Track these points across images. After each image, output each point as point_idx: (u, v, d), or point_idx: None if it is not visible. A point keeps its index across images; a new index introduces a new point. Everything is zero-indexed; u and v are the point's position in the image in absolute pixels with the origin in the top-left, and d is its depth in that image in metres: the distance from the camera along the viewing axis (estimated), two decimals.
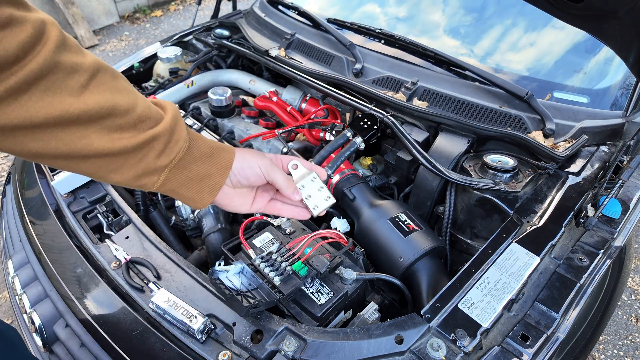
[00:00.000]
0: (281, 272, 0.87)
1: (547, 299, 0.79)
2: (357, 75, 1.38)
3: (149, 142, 0.54)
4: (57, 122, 0.47)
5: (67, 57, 0.47)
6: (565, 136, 1.09)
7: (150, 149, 0.54)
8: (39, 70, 0.44)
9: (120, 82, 0.54)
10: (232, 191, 0.67)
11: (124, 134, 0.52)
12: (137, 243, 1.01)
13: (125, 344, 0.85)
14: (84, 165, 0.52)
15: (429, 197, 1.16)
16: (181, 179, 0.59)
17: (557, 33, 1.31)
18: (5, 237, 1.26)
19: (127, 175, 0.55)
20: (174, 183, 0.59)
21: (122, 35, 4.89)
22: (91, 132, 0.50)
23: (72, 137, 0.48)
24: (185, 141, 0.58)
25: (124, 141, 0.52)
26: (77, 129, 0.49)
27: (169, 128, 0.56)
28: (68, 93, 0.47)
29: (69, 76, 0.47)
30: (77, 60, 0.48)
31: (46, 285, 1.02)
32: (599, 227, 0.93)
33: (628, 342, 1.91)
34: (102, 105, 0.49)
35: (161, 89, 1.65)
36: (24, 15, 0.44)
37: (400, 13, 1.60)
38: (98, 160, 0.52)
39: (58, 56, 0.46)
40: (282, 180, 0.68)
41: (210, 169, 0.61)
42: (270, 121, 1.51)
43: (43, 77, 0.45)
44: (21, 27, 0.43)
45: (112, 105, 0.50)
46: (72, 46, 0.49)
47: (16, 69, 0.43)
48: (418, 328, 0.74)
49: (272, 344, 0.75)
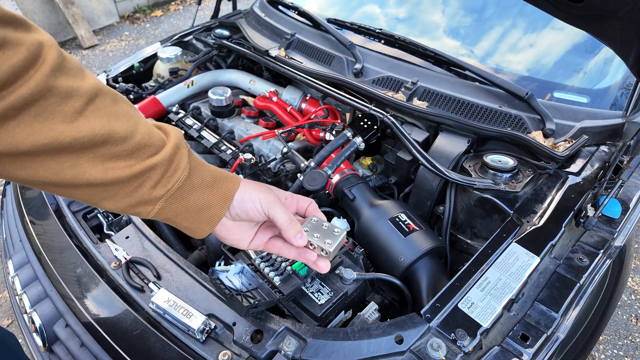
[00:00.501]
0: (281, 272, 0.87)
1: (547, 299, 0.79)
2: (357, 75, 1.38)
3: (145, 172, 0.51)
4: (45, 150, 0.44)
5: (62, 81, 0.44)
6: (565, 136, 1.09)
7: (146, 179, 0.52)
8: (30, 96, 0.41)
9: (121, 106, 0.51)
10: (230, 224, 0.63)
11: (119, 163, 0.49)
12: (137, 243, 1.01)
13: (125, 343, 0.85)
14: (76, 192, 0.50)
15: (429, 197, 1.16)
16: (178, 209, 0.56)
17: (557, 33, 1.31)
18: (5, 237, 1.26)
19: (120, 204, 0.53)
20: (170, 212, 0.56)
21: (122, 35, 4.89)
22: (84, 161, 0.47)
23: (62, 166, 0.46)
24: (185, 170, 0.55)
25: (119, 171, 0.49)
26: (67, 157, 0.46)
27: (168, 157, 0.53)
28: (60, 119, 0.44)
29: (63, 101, 0.44)
30: (73, 84, 0.45)
31: (46, 285, 1.02)
32: (599, 227, 0.93)
33: (628, 342, 1.91)
34: (96, 132, 0.46)
35: (161, 89, 1.65)
36: (20, 37, 0.41)
37: (400, 14, 1.60)
38: (90, 189, 0.50)
39: (52, 80, 0.43)
40: (284, 219, 0.62)
41: (210, 199, 0.58)
42: (270, 121, 1.51)
43: (34, 103, 0.42)
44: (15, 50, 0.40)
45: (108, 132, 0.47)
46: (71, 69, 0.47)
47: (4, 94, 0.40)
48: (418, 328, 0.74)
49: (272, 344, 0.75)
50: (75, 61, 0.49)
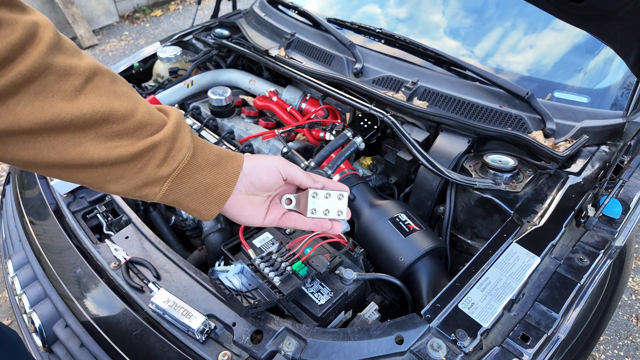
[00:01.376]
0: (281, 272, 0.87)
1: (547, 299, 0.79)
2: (357, 75, 1.38)
3: (149, 151, 0.51)
4: (48, 128, 0.44)
5: (60, 60, 0.45)
6: (566, 136, 1.09)
7: (150, 157, 0.51)
8: (29, 73, 0.42)
9: (120, 86, 0.51)
10: (243, 198, 0.62)
11: (122, 142, 0.49)
12: (137, 243, 1.01)
13: (125, 344, 0.85)
14: (81, 175, 0.50)
15: (429, 197, 1.16)
16: (185, 190, 0.56)
17: (558, 34, 1.31)
18: (5, 237, 1.26)
19: (127, 186, 0.52)
20: (178, 194, 0.56)
21: (122, 35, 4.89)
22: (86, 140, 0.47)
23: (65, 145, 0.46)
24: (189, 149, 0.55)
25: (122, 149, 0.49)
26: (70, 136, 0.46)
27: (171, 135, 0.53)
28: (60, 97, 0.44)
29: (62, 79, 0.45)
30: (71, 62, 0.46)
31: (46, 286, 1.02)
32: (600, 227, 0.93)
33: (628, 342, 1.91)
34: (97, 110, 0.46)
35: (161, 89, 1.64)
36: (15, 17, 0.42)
37: (400, 14, 1.60)
38: (95, 170, 0.49)
39: (50, 58, 0.44)
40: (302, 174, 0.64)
41: (216, 178, 0.57)
42: (270, 121, 1.51)
43: (33, 80, 0.43)
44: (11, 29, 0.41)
45: (109, 110, 0.47)
46: (68, 48, 0.47)
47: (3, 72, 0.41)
48: (418, 328, 0.74)
49: (272, 344, 0.75)
50: (72, 42, 0.49)
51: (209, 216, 0.59)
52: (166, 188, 0.54)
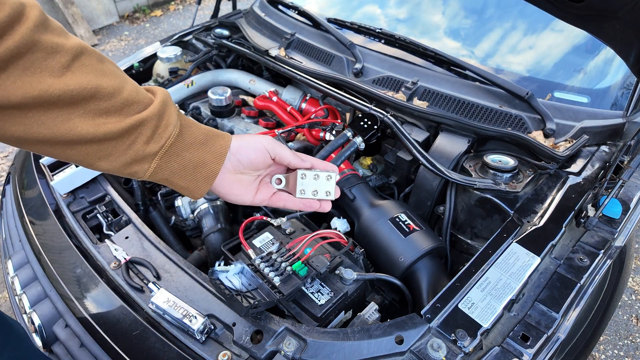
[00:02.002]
0: (281, 272, 0.87)
1: (547, 299, 0.79)
2: (357, 75, 1.38)
3: (136, 127, 0.52)
4: (36, 103, 0.46)
5: (47, 37, 0.46)
6: (566, 136, 1.09)
7: (138, 134, 0.53)
8: (16, 49, 0.43)
9: (107, 65, 0.53)
10: (231, 177, 0.63)
11: (109, 119, 0.51)
12: (137, 243, 1.01)
13: (125, 344, 0.85)
14: (71, 152, 0.51)
15: (429, 197, 1.16)
16: (174, 167, 0.57)
17: (558, 34, 1.31)
18: (5, 237, 1.26)
19: (116, 163, 0.54)
20: (167, 171, 0.57)
21: (122, 35, 4.89)
22: (74, 116, 0.49)
23: (54, 120, 0.48)
24: (176, 126, 0.56)
25: (109, 125, 0.50)
26: (59, 111, 0.48)
27: (157, 113, 0.54)
28: (48, 73, 0.46)
29: (50, 56, 0.46)
30: (58, 41, 0.47)
31: (46, 286, 1.02)
32: (600, 227, 0.93)
33: (628, 342, 1.91)
34: (84, 86, 0.48)
35: None
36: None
37: (400, 14, 1.60)
38: (84, 146, 0.51)
39: (38, 35, 0.45)
40: (289, 153, 0.65)
41: (204, 156, 0.59)
42: (270, 121, 1.51)
43: (21, 56, 0.44)
44: None
45: (96, 87, 0.49)
46: (55, 28, 0.49)
47: None
48: (418, 328, 0.74)
49: (272, 344, 0.75)
50: (59, 23, 0.51)
51: (199, 194, 0.61)
52: (155, 165, 0.56)
